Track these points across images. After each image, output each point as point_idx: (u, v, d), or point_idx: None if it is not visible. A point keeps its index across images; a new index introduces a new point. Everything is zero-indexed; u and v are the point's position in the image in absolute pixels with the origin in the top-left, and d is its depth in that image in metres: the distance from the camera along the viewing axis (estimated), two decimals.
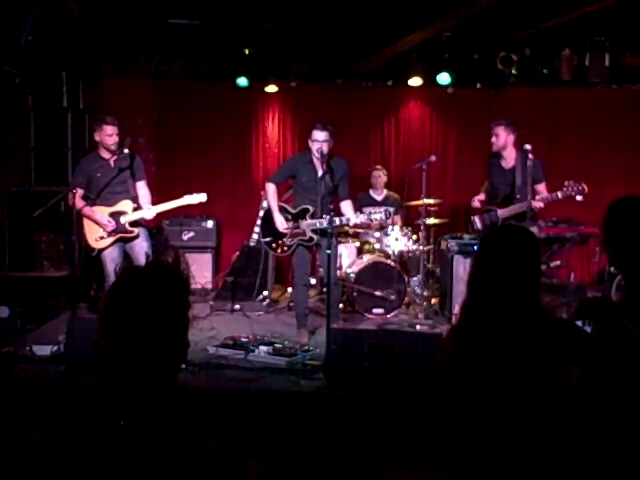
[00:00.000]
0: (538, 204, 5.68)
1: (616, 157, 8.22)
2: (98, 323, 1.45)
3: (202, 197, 5.69)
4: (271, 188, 5.84)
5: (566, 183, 5.61)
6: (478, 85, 8.02)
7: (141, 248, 5.66)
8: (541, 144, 5.88)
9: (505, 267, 2.18)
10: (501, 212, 5.88)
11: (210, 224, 8.08)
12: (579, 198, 5.60)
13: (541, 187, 5.82)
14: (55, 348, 4.95)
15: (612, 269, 6.45)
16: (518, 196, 5.74)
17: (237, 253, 7.78)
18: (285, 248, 5.79)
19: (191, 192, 5.72)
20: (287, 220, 5.74)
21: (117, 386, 1.43)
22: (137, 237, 5.65)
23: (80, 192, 5.45)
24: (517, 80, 7.76)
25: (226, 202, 8.46)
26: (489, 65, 7.59)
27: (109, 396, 1.43)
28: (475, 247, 6.69)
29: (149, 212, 5.62)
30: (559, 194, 5.63)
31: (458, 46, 7.61)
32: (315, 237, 5.66)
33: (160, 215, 5.94)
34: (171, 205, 5.68)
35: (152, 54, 7.79)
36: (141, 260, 5.61)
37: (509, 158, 5.87)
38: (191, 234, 8.01)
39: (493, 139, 5.86)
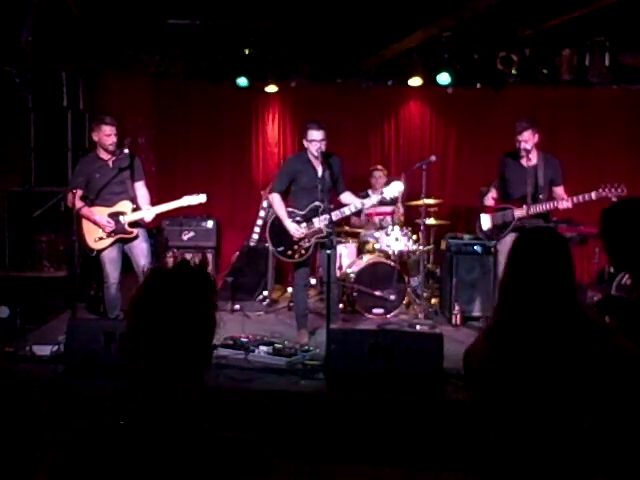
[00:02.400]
0: (566, 204, 5.55)
1: (616, 157, 8.21)
2: (127, 323, 1.47)
3: (202, 198, 5.68)
4: (276, 198, 5.72)
5: (602, 185, 5.42)
6: (478, 85, 8.02)
7: (140, 249, 5.65)
8: (541, 144, 5.85)
9: (540, 269, 2.15)
10: (518, 212, 5.73)
11: (210, 224, 8.08)
12: (615, 200, 5.35)
13: (559, 190, 5.73)
14: (55, 348, 4.94)
15: (612, 269, 6.45)
16: (541, 196, 5.62)
17: (237, 253, 7.79)
18: (303, 252, 5.69)
19: (191, 192, 5.72)
20: (299, 223, 5.71)
21: (144, 385, 1.44)
22: (136, 238, 5.63)
23: (79, 193, 5.43)
24: (517, 80, 7.76)
25: (226, 202, 8.46)
26: (489, 65, 7.59)
27: (137, 394, 1.44)
28: (475, 247, 6.71)
29: (148, 213, 5.60)
30: (593, 195, 5.43)
31: (458, 46, 7.61)
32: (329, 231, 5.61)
33: (160, 215, 5.93)
34: (171, 206, 5.67)
35: (152, 54, 7.79)
36: (141, 261, 5.61)
37: (532, 156, 5.73)
38: (191, 234, 8.02)
39: (522, 144, 5.63)
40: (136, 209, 5.61)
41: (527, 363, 2.08)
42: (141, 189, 5.72)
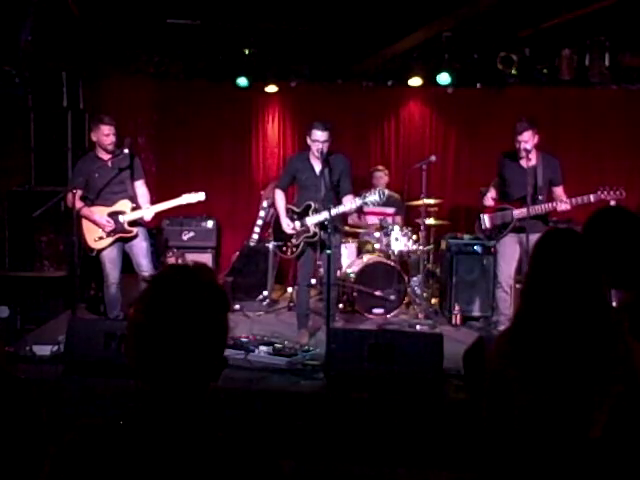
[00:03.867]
0: (565, 206, 5.55)
1: (616, 157, 8.21)
2: (129, 332, 1.39)
3: (200, 196, 5.69)
4: (278, 194, 5.85)
5: (601, 188, 5.44)
6: (478, 85, 8.03)
7: (140, 248, 5.66)
8: (541, 144, 5.85)
9: (566, 271, 2.10)
10: (517, 212, 5.72)
11: (210, 224, 8.07)
12: (613, 203, 5.38)
13: (559, 190, 5.73)
14: (55, 348, 4.94)
15: None
16: (540, 197, 5.62)
17: (237, 253, 7.78)
18: (294, 249, 5.76)
19: (190, 192, 5.72)
20: (293, 220, 5.74)
21: (146, 391, 1.40)
22: (136, 237, 5.64)
23: (79, 193, 5.43)
24: (517, 80, 7.76)
25: (226, 202, 8.46)
26: (489, 65, 7.58)
27: (141, 397, 1.40)
28: (475, 247, 6.71)
29: (148, 212, 5.61)
30: (592, 197, 5.45)
31: (458, 46, 7.60)
32: (319, 232, 5.65)
33: (160, 215, 5.93)
34: (169, 204, 5.67)
35: (152, 54, 7.79)
36: (141, 261, 5.62)
37: (531, 157, 5.70)
38: (191, 234, 8.01)
39: (523, 145, 5.60)
40: (135, 208, 5.62)
41: (550, 365, 2.04)
42: (141, 188, 5.73)
